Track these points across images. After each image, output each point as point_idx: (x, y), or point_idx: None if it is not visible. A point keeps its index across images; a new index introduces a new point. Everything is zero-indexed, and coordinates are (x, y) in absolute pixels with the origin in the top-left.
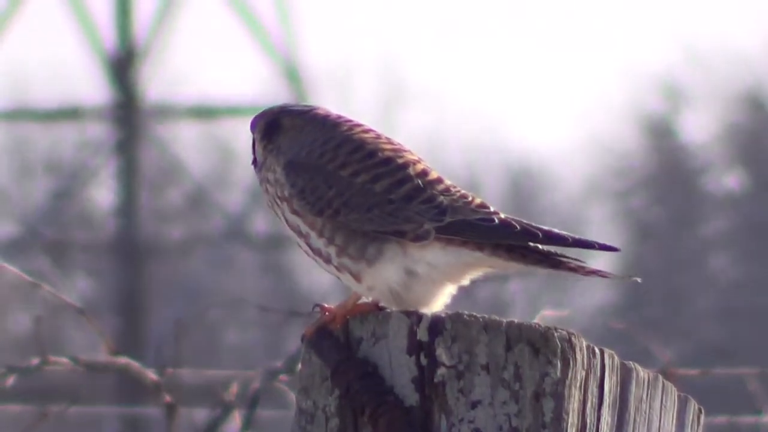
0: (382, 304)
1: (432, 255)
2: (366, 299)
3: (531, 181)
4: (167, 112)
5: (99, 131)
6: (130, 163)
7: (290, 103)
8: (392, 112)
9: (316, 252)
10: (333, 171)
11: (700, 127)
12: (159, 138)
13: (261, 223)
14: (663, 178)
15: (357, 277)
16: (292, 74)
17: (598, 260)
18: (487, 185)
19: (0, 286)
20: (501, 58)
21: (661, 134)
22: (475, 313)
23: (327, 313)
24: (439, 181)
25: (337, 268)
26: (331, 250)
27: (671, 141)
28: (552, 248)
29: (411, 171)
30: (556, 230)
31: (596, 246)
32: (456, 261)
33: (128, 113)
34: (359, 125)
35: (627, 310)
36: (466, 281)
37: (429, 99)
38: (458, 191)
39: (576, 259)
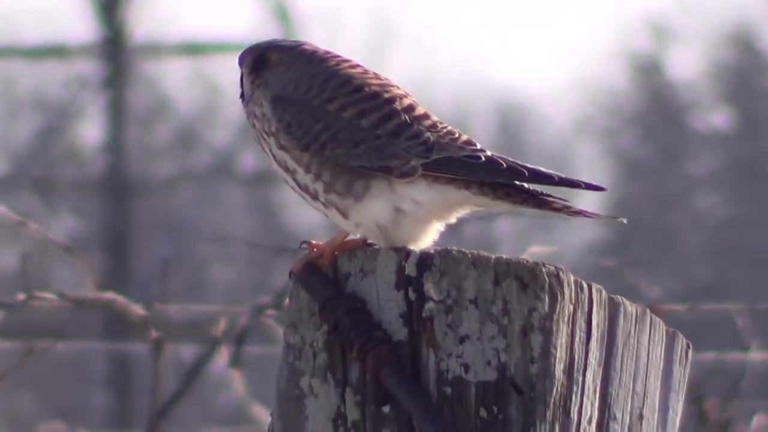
0: (369, 240)
1: (418, 192)
2: (354, 236)
3: (519, 120)
4: (155, 49)
5: (86, 69)
6: (117, 100)
7: (278, 39)
8: (381, 51)
9: (303, 188)
10: (320, 105)
11: (688, 65)
12: (147, 75)
13: (248, 159)
14: (651, 116)
15: (344, 214)
16: (281, 12)
17: (585, 199)
18: (476, 124)
19: None
20: None
21: (648, 72)
22: (463, 249)
23: (315, 250)
24: (426, 116)
25: (324, 204)
26: (318, 187)
27: (659, 79)
28: (538, 187)
29: (398, 106)
30: (542, 168)
31: (582, 185)
32: (442, 199)
33: (116, 50)
34: (347, 60)
35: (615, 248)
36: (453, 219)
37: (418, 38)
38: (445, 127)
39: (562, 199)
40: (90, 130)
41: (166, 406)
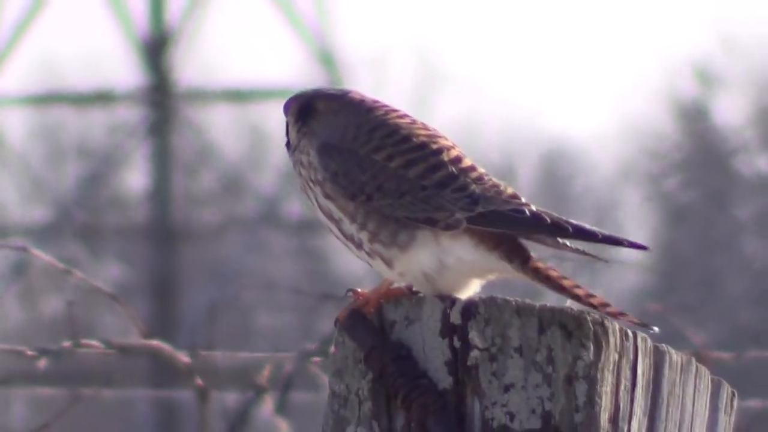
0: (414, 289)
1: (462, 250)
2: (398, 284)
3: (565, 165)
4: (200, 96)
5: (132, 115)
6: (163, 146)
7: (324, 87)
8: (427, 97)
9: (348, 238)
10: (366, 155)
11: (733, 110)
12: (192, 122)
13: (295, 206)
14: (696, 161)
15: (389, 263)
16: (327, 58)
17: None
18: (522, 170)
19: (32, 272)
20: (536, 42)
21: (694, 117)
22: (508, 297)
23: (360, 298)
24: (473, 168)
25: (368, 254)
26: (363, 236)
27: (705, 124)
28: (581, 245)
29: (445, 157)
30: (586, 225)
31: (625, 243)
32: (484, 264)
33: (161, 97)
34: (394, 110)
35: (661, 293)
36: (494, 277)
37: (463, 84)
38: (490, 180)
39: (606, 260)
40: (135, 177)
41: None
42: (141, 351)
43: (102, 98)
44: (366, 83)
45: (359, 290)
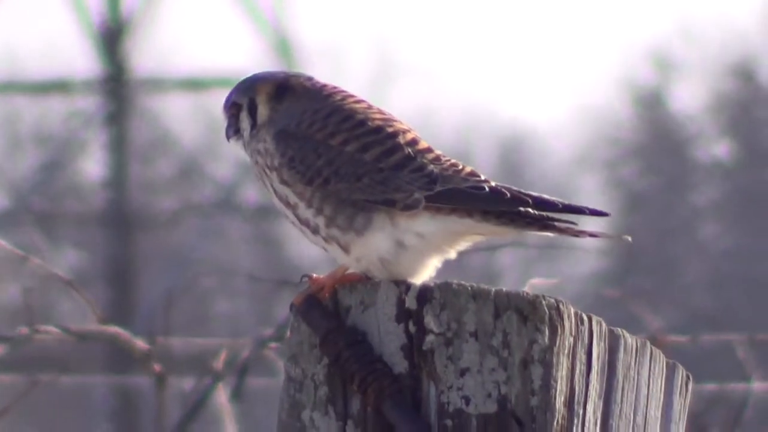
0: (370, 274)
1: (421, 224)
2: (353, 270)
3: (522, 152)
4: (157, 84)
5: (89, 104)
6: (119, 134)
7: (278, 71)
8: (384, 86)
9: (304, 223)
10: (323, 140)
11: (690, 97)
12: (149, 110)
13: (251, 193)
14: (653, 147)
15: (345, 248)
16: (283, 47)
17: (585, 226)
18: (479, 157)
19: None
20: (493, 30)
21: (651, 104)
22: (463, 282)
23: (315, 283)
24: (429, 150)
25: (324, 239)
26: (320, 221)
27: (661, 111)
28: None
29: (401, 140)
30: (546, 196)
31: (586, 211)
32: (444, 229)
33: (118, 86)
34: (350, 95)
35: (617, 278)
36: (454, 252)
37: (420, 73)
38: (448, 160)
39: (567, 221)
40: (92, 165)
41: None
42: (98, 337)
43: (59, 87)
44: (323, 72)
45: (314, 275)
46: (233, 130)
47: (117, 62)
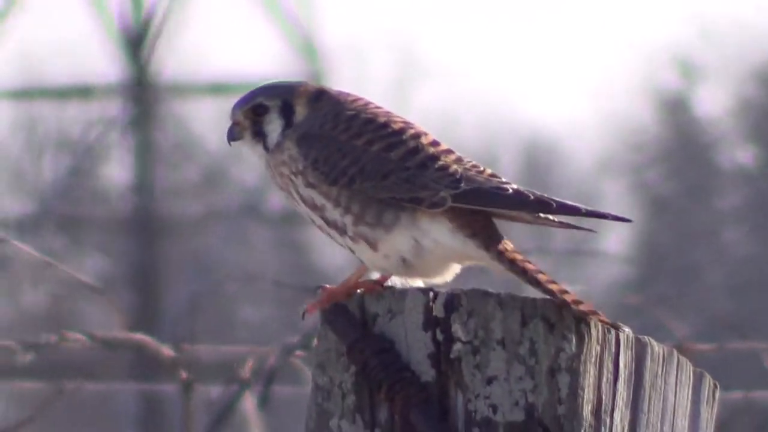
0: (390, 276)
1: (440, 233)
2: (372, 273)
3: (545, 156)
4: (182, 89)
5: (113, 108)
6: (144, 139)
7: (295, 83)
8: (407, 88)
9: (332, 224)
10: (347, 140)
11: (714, 101)
12: (174, 115)
13: (276, 199)
14: (677, 152)
15: (373, 245)
16: (308, 50)
17: (612, 234)
18: (502, 161)
19: (14, 264)
20: (515, 33)
21: (675, 109)
22: (490, 290)
23: (328, 293)
24: (450, 151)
25: (352, 238)
26: (348, 220)
27: (685, 115)
28: (565, 219)
29: (424, 140)
30: (569, 201)
31: (609, 216)
32: (459, 249)
33: (142, 90)
34: (370, 102)
35: (641, 284)
36: (465, 265)
37: (444, 75)
38: (470, 161)
39: (593, 230)
40: (117, 170)
41: None
42: (124, 344)
43: (83, 92)
44: (346, 74)
45: (327, 286)
46: (253, 132)
47: (141, 66)
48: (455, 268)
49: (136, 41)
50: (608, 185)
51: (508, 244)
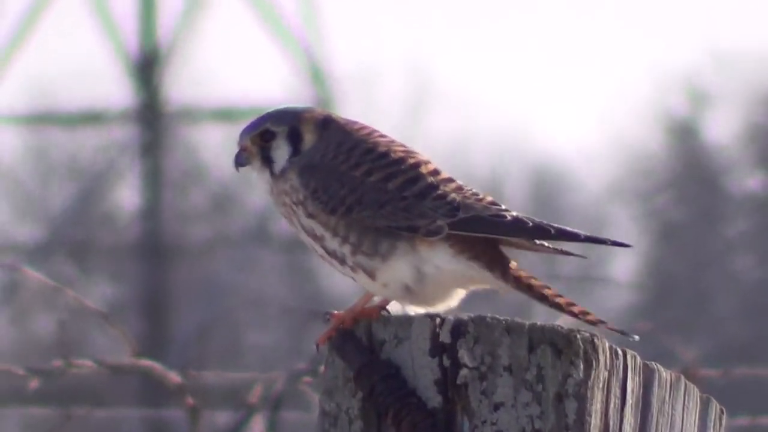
0: (395, 302)
1: (441, 259)
2: (378, 299)
3: (554, 182)
4: (191, 114)
5: (123, 134)
6: (154, 165)
7: (299, 108)
8: (417, 113)
9: (331, 254)
10: (346, 171)
11: (723, 128)
12: (183, 140)
13: (285, 224)
14: (686, 178)
15: (371, 275)
16: (317, 76)
17: (619, 261)
18: (511, 187)
19: (23, 291)
20: (525, 59)
21: (684, 135)
22: (497, 316)
23: (337, 319)
24: (451, 180)
25: (351, 268)
26: (346, 250)
27: (694, 142)
28: (566, 246)
29: (423, 170)
30: (568, 228)
31: (608, 242)
32: (464, 272)
33: (152, 116)
34: (373, 130)
35: (651, 311)
36: (470, 289)
37: (454, 101)
38: (470, 189)
39: (584, 257)
40: (126, 196)
41: None
42: (132, 370)
43: (93, 118)
44: (356, 100)
45: (335, 312)
46: (261, 158)
47: (151, 92)
48: (459, 295)
49: (147, 67)
50: (617, 211)
51: (512, 263)
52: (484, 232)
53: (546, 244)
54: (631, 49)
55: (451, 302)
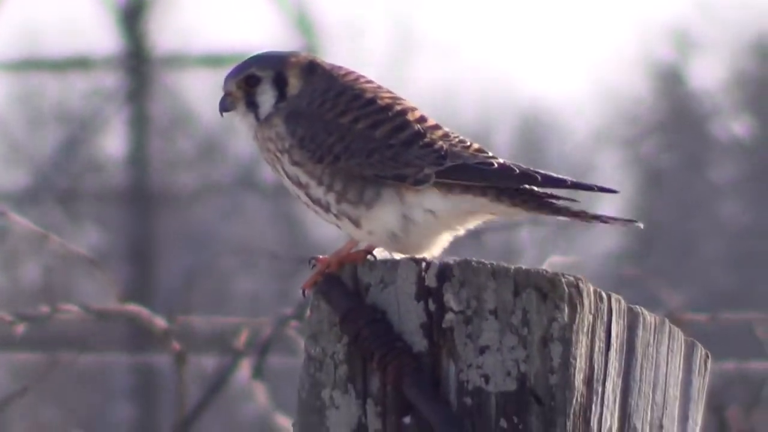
0: (380, 248)
1: (430, 202)
2: (359, 247)
3: (541, 130)
4: (178, 61)
5: (109, 81)
6: (140, 112)
7: (285, 53)
8: (403, 62)
9: (316, 202)
10: (333, 119)
11: (709, 74)
12: (169, 87)
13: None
14: (672, 125)
15: (356, 223)
16: (303, 24)
17: (606, 206)
18: (498, 135)
19: (10, 237)
20: (512, 7)
21: (670, 81)
22: (483, 260)
23: (322, 264)
24: (437, 127)
25: (336, 215)
26: (330, 198)
27: (680, 88)
28: (556, 193)
29: (410, 117)
30: (554, 174)
31: (595, 188)
32: (456, 207)
33: (138, 63)
34: (362, 77)
35: (637, 256)
36: (463, 230)
37: (440, 50)
38: (456, 137)
39: (575, 200)
40: (113, 142)
41: (190, 418)
42: (118, 316)
43: (79, 65)
44: (342, 48)
45: (321, 257)
46: (246, 103)
47: (138, 39)
48: (444, 242)
49: (133, 14)
50: (604, 158)
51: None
52: (471, 180)
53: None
54: None
55: (435, 251)
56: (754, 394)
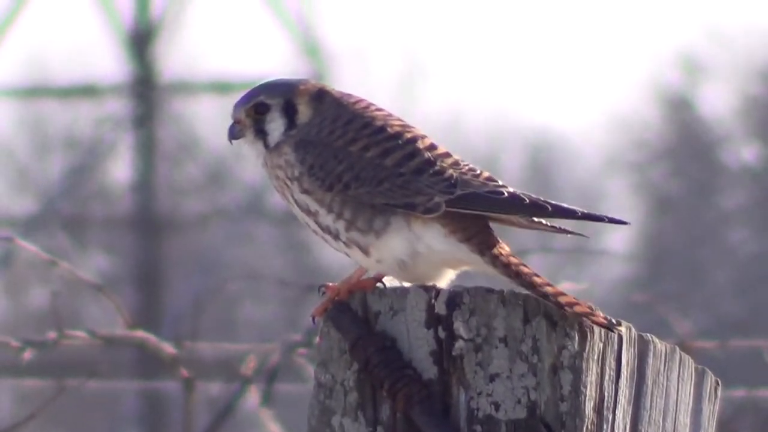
0: (389, 277)
1: (433, 238)
2: (369, 275)
3: (550, 156)
4: (185, 87)
5: (117, 107)
6: (147, 138)
7: (295, 81)
8: (411, 89)
9: (325, 230)
10: (342, 146)
11: (718, 100)
12: (177, 113)
13: (279, 197)
14: (681, 151)
15: (365, 251)
16: (311, 50)
17: (615, 234)
18: (507, 161)
19: (18, 263)
20: (521, 33)
21: (679, 107)
22: (493, 287)
23: (331, 291)
24: (448, 155)
25: (345, 243)
26: (340, 226)
27: (690, 114)
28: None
29: (420, 145)
30: (565, 204)
31: (606, 219)
32: (454, 254)
33: (146, 89)
34: (369, 104)
35: (646, 283)
36: (460, 270)
37: (448, 75)
38: (466, 165)
39: (584, 235)
40: (120, 169)
41: None
42: (126, 342)
43: (87, 91)
44: (350, 75)
45: (330, 284)
46: (255, 131)
47: (146, 65)
48: (450, 274)
49: (141, 40)
50: (613, 184)
51: (503, 248)
52: (481, 209)
53: (543, 221)
54: (627, 22)
55: (441, 282)
56: (764, 422)
